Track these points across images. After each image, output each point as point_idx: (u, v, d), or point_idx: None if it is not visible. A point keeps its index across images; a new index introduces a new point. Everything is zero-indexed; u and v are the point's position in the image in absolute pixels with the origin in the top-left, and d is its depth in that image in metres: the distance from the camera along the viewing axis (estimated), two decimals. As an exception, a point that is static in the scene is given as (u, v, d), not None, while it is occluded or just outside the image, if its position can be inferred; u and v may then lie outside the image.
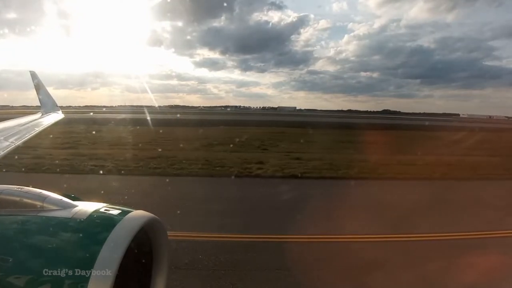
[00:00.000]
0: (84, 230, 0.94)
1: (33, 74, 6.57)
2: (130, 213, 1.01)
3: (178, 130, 27.09)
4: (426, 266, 5.24)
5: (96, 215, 0.99)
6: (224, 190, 10.00)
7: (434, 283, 4.84)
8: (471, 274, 4.88)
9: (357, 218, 7.08)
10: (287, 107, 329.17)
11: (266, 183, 10.67)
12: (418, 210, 7.95)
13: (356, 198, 9.21)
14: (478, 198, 9.57)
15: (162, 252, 1.12)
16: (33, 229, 0.95)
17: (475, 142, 24.26)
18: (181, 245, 5.50)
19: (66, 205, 1.04)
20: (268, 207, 8.03)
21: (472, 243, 6.29)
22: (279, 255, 5.36)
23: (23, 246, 0.90)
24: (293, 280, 4.67)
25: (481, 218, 7.56)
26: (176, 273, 4.61)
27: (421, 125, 55.98)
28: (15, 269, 0.85)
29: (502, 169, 13.53)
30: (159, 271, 1.12)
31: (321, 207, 7.89)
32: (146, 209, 1.09)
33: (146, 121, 39.00)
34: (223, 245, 5.73)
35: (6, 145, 2.96)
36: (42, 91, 6.51)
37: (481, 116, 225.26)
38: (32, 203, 1.05)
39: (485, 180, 11.85)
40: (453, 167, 13.43)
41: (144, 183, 10.16)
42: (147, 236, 1.07)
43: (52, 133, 15.85)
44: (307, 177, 11.35)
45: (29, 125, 4.28)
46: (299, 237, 6.18)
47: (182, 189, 9.97)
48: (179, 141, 19.33)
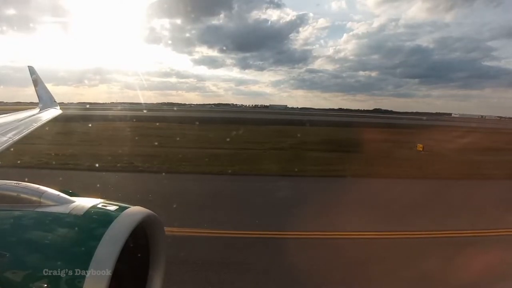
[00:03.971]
0: (82, 226, 0.94)
1: (31, 69, 6.51)
2: (128, 209, 1.01)
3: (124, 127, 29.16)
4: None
5: (93, 211, 0.99)
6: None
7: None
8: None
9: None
10: (278, 105, 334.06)
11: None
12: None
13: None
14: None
15: (160, 248, 1.12)
16: (30, 225, 0.95)
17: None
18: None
19: (63, 201, 1.04)
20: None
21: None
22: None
23: (20, 241, 0.90)
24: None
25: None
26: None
27: (380, 123, 58.23)
28: (11, 264, 0.85)
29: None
30: (157, 267, 1.12)
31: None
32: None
33: (119, 117, 40.16)
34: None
35: (3, 141, 2.94)
36: (40, 86, 6.45)
37: (473, 116, 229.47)
38: (29, 199, 1.04)
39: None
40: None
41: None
42: (144, 232, 1.07)
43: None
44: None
45: (27, 120, 4.25)
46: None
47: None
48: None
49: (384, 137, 27.06)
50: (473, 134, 37.55)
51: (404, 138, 27.36)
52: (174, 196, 8.81)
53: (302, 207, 8.21)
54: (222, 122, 41.03)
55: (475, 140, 29.03)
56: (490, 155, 19.34)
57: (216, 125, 36.51)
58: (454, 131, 39.95)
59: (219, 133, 25.55)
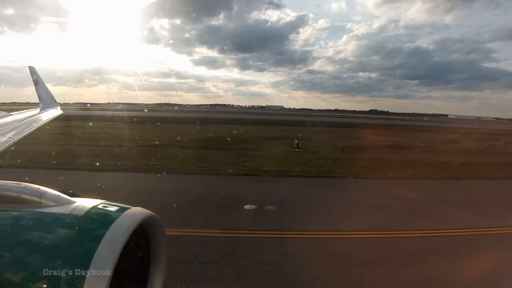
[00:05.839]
0: (82, 227, 0.94)
1: (32, 69, 6.51)
2: (128, 210, 1.01)
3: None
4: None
5: (94, 212, 0.99)
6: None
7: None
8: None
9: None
10: (275, 106, 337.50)
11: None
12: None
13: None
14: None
15: (160, 249, 1.12)
16: (31, 225, 0.95)
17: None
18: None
19: (64, 201, 1.04)
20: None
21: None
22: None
23: (20, 242, 0.90)
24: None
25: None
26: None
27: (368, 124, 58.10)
28: (12, 264, 0.85)
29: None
30: (157, 267, 1.12)
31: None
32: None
33: (84, 117, 40.34)
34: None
35: (3, 141, 2.93)
36: (41, 86, 6.45)
37: (469, 117, 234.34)
38: (30, 199, 1.04)
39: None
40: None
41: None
42: (145, 232, 1.07)
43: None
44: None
45: (27, 120, 4.24)
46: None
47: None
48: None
49: (288, 135, 26.35)
50: (402, 133, 36.37)
51: (305, 136, 26.26)
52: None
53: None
54: (181, 122, 39.90)
55: (382, 138, 28.38)
56: (370, 153, 18.53)
57: (169, 124, 35.62)
58: (390, 130, 39.91)
59: (151, 132, 26.39)
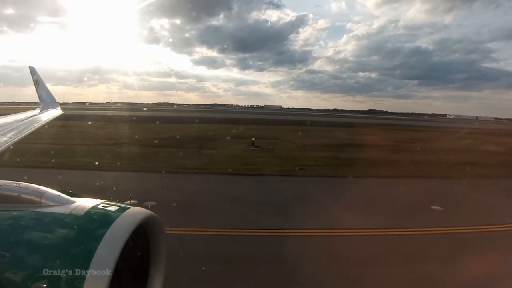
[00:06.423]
0: (82, 226, 0.94)
1: (32, 69, 6.50)
2: (128, 210, 1.01)
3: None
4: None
5: (94, 211, 0.99)
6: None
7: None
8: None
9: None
10: (273, 106, 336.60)
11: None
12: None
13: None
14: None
15: (160, 248, 1.12)
16: (31, 225, 0.95)
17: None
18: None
19: (64, 201, 1.04)
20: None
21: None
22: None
23: (20, 241, 0.90)
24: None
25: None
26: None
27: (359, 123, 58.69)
28: (12, 264, 0.85)
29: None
30: (157, 267, 1.12)
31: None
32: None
33: (73, 117, 40.25)
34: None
35: (4, 141, 2.93)
36: (41, 86, 6.43)
37: (468, 117, 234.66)
38: (30, 199, 1.04)
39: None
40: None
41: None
42: (145, 232, 1.07)
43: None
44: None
45: (27, 121, 4.25)
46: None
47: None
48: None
49: (259, 134, 26.35)
50: (378, 132, 36.46)
51: (275, 135, 26.71)
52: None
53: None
54: (164, 122, 40.37)
55: (349, 137, 28.49)
56: (324, 152, 18.50)
57: (148, 124, 35.71)
58: (369, 129, 40.26)
59: (121, 131, 27.27)
